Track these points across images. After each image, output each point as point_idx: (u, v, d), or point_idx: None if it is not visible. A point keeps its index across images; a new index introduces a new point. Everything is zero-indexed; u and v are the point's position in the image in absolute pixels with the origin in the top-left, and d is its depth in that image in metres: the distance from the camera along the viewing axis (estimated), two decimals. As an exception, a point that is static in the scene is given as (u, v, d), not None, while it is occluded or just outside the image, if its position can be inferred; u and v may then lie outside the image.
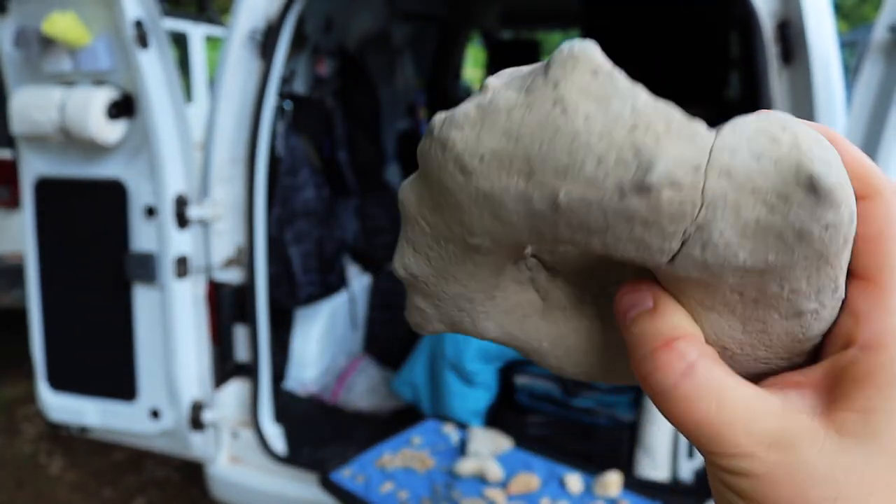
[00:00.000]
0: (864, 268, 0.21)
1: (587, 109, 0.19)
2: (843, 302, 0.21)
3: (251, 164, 1.66)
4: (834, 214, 0.19)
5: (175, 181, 1.56)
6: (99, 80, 1.53)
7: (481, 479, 1.58)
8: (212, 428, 1.70)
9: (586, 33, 2.91)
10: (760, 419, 0.20)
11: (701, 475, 1.67)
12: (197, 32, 4.29)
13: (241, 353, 1.75)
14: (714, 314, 0.22)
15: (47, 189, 1.64)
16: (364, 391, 2.22)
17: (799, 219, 0.19)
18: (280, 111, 2.15)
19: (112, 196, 1.59)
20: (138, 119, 1.52)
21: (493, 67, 3.84)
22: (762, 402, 0.21)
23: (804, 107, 1.33)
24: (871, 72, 1.28)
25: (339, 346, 2.43)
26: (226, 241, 1.69)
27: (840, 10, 11.38)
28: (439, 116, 0.21)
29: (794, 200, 0.19)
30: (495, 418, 1.98)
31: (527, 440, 1.77)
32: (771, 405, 0.20)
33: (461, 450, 1.73)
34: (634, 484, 1.58)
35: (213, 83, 1.88)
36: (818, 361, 0.22)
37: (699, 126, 0.19)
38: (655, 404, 0.22)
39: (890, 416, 0.19)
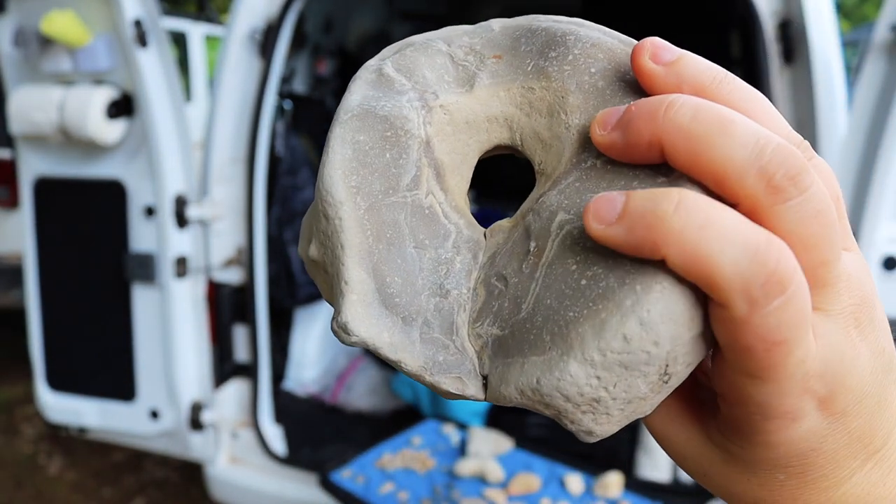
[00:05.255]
0: None
1: None
2: None
3: (251, 164, 1.66)
4: None
5: (174, 181, 1.56)
6: (98, 80, 1.52)
7: (482, 480, 1.58)
8: (211, 428, 1.69)
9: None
10: None
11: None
12: (196, 32, 4.29)
13: (241, 353, 1.74)
14: None
15: (46, 189, 1.64)
16: (364, 391, 2.21)
17: None
18: (280, 111, 2.15)
19: (111, 196, 1.59)
20: (137, 119, 1.52)
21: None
22: None
23: (805, 106, 1.33)
24: (872, 71, 1.28)
25: (338, 346, 2.43)
26: (225, 241, 1.69)
27: (841, 9, 11.39)
28: None
29: None
30: (495, 418, 1.97)
31: (527, 440, 1.77)
32: None
33: (461, 450, 1.73)
34: (635, 485, 1.58)
35: (212, 83, 1.88)
36: None
37: None
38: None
39: None
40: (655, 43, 0.21)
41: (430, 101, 0.24)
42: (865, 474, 0.21)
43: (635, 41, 0.23)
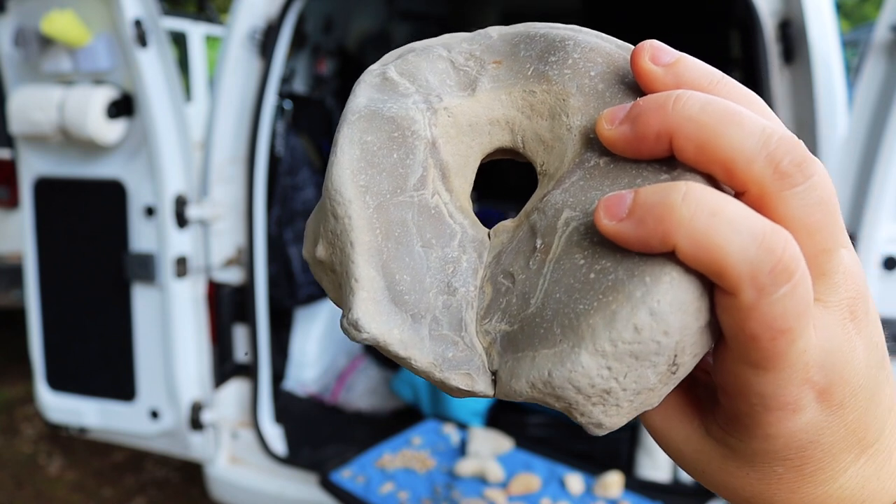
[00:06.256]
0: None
1: None
2: None
3: (251, 164, 1.66)
4: None
5: (174, 181, 1.56)
6: (98, 80, 1.52)
7: (482, 480, 1.58)
8: (211, 428, 1.69)
9: (586, 33, 2.91)
10: None
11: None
12: (196, 32, 4.29)
13: (241, 353, 1.74)
14: None
15: (47, 189, 1.64)
16: (364, 391, 2.22)
17: None
18: (280, 111, 2.15)
19: (111, 196, 1.59)
20: (138, 119, 1.52)
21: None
22: None
23: (805, 106, 1.33)
24: (872, 71, 1.28)
25: (339, 346, 2.43)
26: (225, 241, 1.69)
27: (841, 9, 11.39)
28: None
29: None
30: (496, 418, 1.97)
31: (527, 440, 1.77)
32: None
33: (461, 450, 1.73)
34: (635, 484, 1.58)
35: (212, 83, 1.88)
36: None
37: None
38: None
39: None
40: (654, 45, 0.22)
41: (435, 104, 0.25)
42: (860, 468, 0.22)
43: (632, 46, 0.23)
